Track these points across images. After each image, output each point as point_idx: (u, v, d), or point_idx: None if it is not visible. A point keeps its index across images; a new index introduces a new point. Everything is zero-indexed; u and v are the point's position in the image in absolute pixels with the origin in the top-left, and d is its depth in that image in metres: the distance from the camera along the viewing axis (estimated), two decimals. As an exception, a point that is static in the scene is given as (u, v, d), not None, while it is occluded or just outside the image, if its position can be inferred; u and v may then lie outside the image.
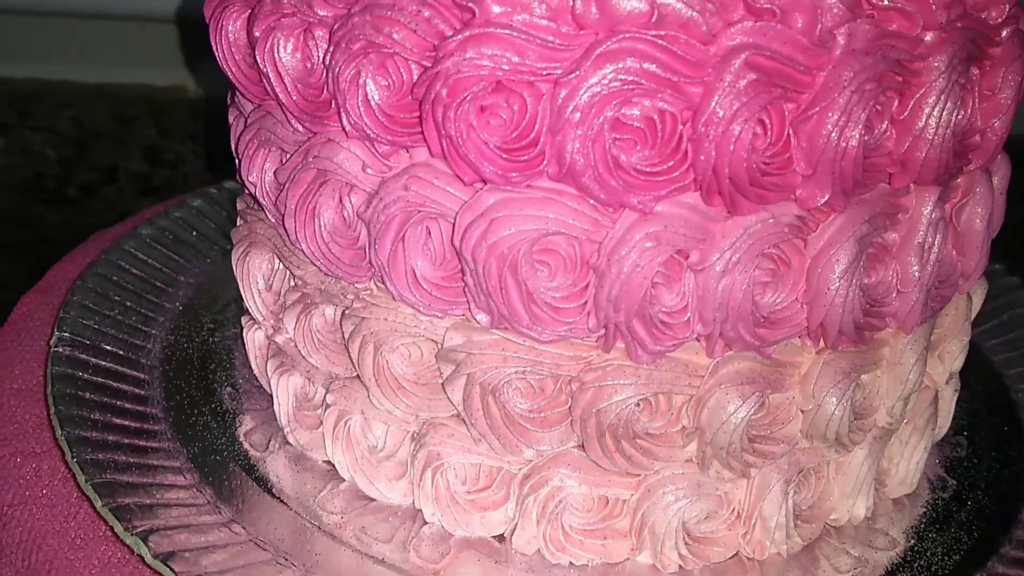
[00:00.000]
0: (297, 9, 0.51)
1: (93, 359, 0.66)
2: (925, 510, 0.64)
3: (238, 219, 0.65)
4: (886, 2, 0.47)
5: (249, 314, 0.66)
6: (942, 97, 0.49)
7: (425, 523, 0.58)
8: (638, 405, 0.52)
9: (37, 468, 0.61)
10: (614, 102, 0.45)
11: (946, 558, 0.60)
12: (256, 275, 0.62)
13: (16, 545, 0.57)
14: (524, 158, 0.47)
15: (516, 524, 0.57)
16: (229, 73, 0.56)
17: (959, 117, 0.51)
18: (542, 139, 0.46)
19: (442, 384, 0.54)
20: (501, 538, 0.58)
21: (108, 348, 0.68)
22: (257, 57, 0.52)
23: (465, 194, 0.49)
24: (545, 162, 0.47)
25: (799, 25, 0.46)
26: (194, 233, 0.83)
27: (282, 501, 0.59)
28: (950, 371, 0.63)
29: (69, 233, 1.32)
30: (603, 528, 0.56)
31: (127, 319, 0.72)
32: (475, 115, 0.46)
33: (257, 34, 0.52)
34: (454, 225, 0.49)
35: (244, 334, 0.67)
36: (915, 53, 0.48)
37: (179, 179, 1.34)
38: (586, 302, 0.50)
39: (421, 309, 0.53)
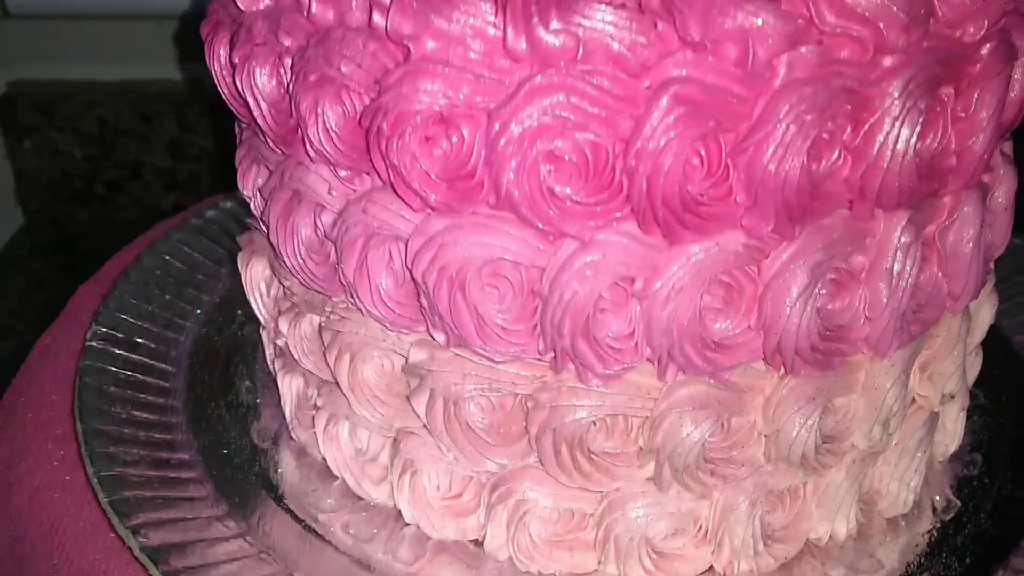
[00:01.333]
0: (266, 39, 0.53)
1: (124, 352, 0.72)
2: (920, 532, 0.62)
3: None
4: (836, 28, 0.46)
5: (262, 314, 0.70)
6: (896, 124, 0.47)
7: (407, 524, 0.61)
8: (594, 424, 0.53)
9: (64, 455, 0.66)
10: (545, 135, 0.46)
11: (930, 584, 0.59)
12: (258, 280, 0.66)
13: (38, 526, 0.62)
14: (464, 187, 0.48)
15: (487, 531, 0.58)
16: (222, 93, 0.59)
17: (928, 141, 0.49)
18: (479, 170, 0.47)
19: (408, 394, 0.56)
20: (477, 542, 0.60)
21: (141, 341, 0.73)
22: (237, 82, 0.55)
23: (417, 218, 0.51)
24: (484, 192, 0.48)
25: (732, 56, 0.45)
26: (239, 225, 0.87)
27: (278, 496, 0.63)
28: (943, 392, 0.61)
29: (100, 229, 1.40)
30: (570, 540, 0.57)
31: (164, 312, 0.77)
32: (417, 146, 0.48)
33: (236, 61, 0.55)
34: (407, 246, 0.51)
35: (260, 331, 0.71)
36: (868, 79, 0.47)
37: (203, 172, 1.39)
38: (535, 325, 0.51)
39: (387, 325, 0.55)
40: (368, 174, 0.52)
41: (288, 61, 0.53)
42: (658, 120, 0.45)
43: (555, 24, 0.45)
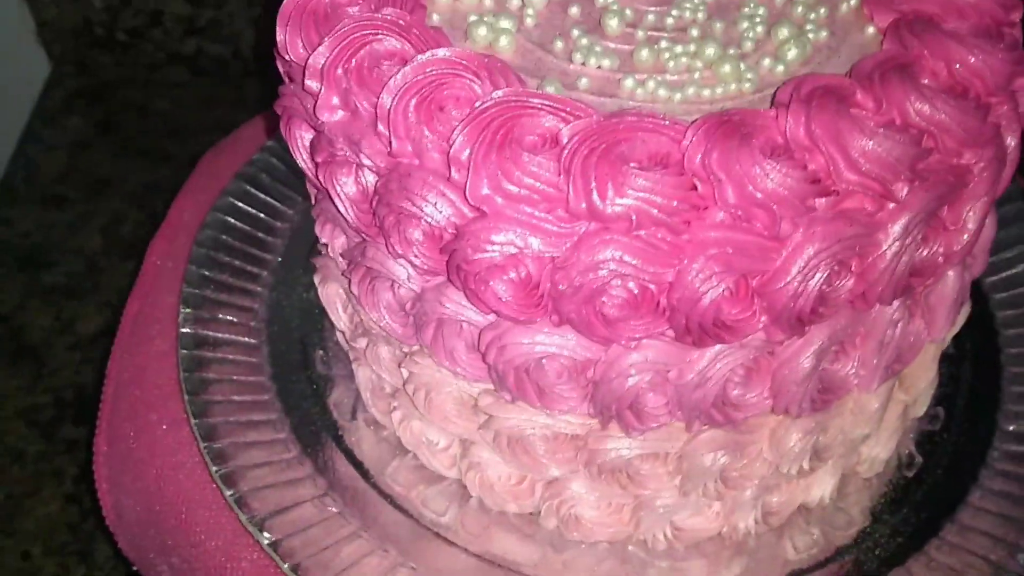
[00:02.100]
0: (346, 153, 0.59)
1: (211, 333, 0.82)
2: (886, 489, 0.76)
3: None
4: (851, 185, 0.54)
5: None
6: (897, 255, 0.56)
7: (471, 496, 0.75)
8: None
9: (179, 436, 0.78)
10: (601, 281, 0.54)
11: (892, 540, 0.73)
12: (334, 299, 0.75)
13: (171, 505, 0.76)
14: (531, 309, 0.57)
15: (541, 510, 0.72)
16: (301, 165, 0.66)
17: (921, 253, 0.58)
18: (544, 299, 0.56)
19: (477, 428, 0.68)
20: (532, 513, 0.74)
21: (223, 317, 0.83)
22: (320, 177, 0.62)
23: (487, 315, 0.60)
24: (547, 313, 0.57)
25: (762, 220, 0.53)
26: (288, 167, 0.94)
27: (365, 473, 0.76)
28: (917, 393, 0.73)
29: (126, 74, 1.44)
30: (608, 520, 0.71)
31: (236, 279, 0.86)
32: (492, 276, 0.56)
33: (319, 160, 0.62)
34: (479, 336, 0.61)
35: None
36: (874, 222, 0.55)
37: (224, 18, 1.41)
38: (587, 395, 0.62)
39: (459, 376, 0.66)
40: (443, 271, 0.61)
41: (370, 175, 0.59)
42: (696, 272, 0.54)
43: (610, 196, 0.52)
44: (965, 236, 0.59)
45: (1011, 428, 0.78)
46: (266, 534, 0.70)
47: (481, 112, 0.55)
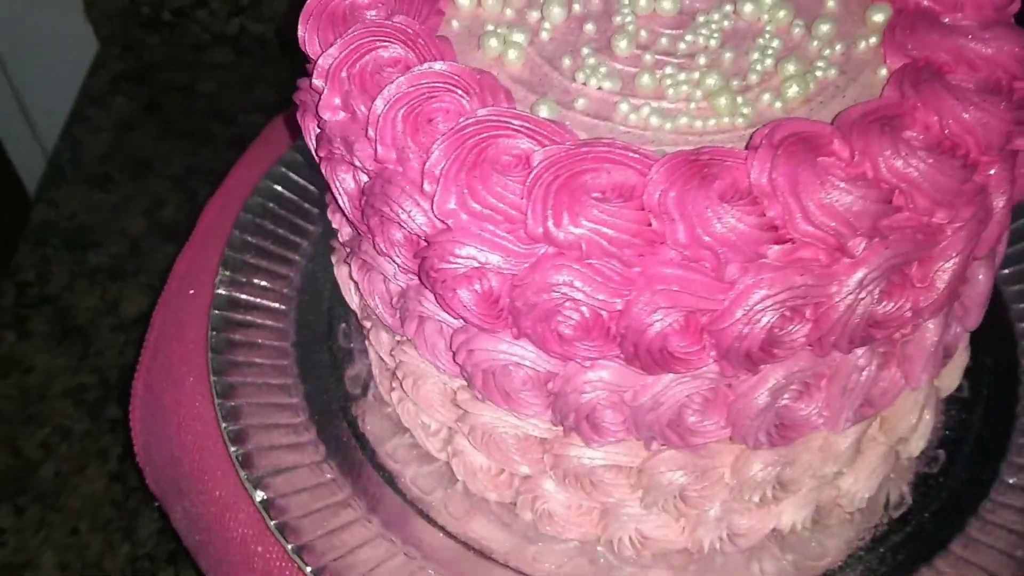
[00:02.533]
0: (343, 155, 0.63)
1: (245, 296, 0.87)
2: (868, 526, 0.76)
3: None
4: (806, 236, 0.54)
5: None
6: (852, 307, 0.56)
7: (458, 480, 0.79)
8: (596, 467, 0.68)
9: (202, 389, 0.84)
10: (555, 303, 0.57)
11: (862, 577, 0.74)
12: (348, 281, 0.79)
13: (188, 453, 0.82)
14: (493, 319, 0.60)
15: (517, 503, 0.76)
16: (314, 157, 0.70)
17: (883, 307, 0.58)
18: (504, 312, 0.59)
19: (456, 420, 0.71)
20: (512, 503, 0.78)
21: (258, 282, 0.89)
22: (323, 169, 0.66)
23: (459, 320, 0.63)
24: (508, 325, 0.60)
25: (710, 263, 0.54)
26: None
27: (363, 445, 0.81)
28: (899, 437, 0.72)
29: (171, 55, 1.43)
30: (578, 520, 0.74)
31: (277, 246, 0.92)
32: (458, 285, 0.59)
33: (321, 155, 0.65)
34: (451, 337, 0.64)
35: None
36: (828, 274, 0.55)
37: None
38: (549, 404, 0.64)
39: (440, 370, 0.69)
40: (424, 271, 0.64)
41: (362, 176, 0.63)
42: (643, 305, 0.55)
43: (565, 223, 0.55)
44: (933, 295, 0.58)
45: (1012, 480, 0.77)
46: (259, 492, 0.76)
47: (460, 129, 0.58)
